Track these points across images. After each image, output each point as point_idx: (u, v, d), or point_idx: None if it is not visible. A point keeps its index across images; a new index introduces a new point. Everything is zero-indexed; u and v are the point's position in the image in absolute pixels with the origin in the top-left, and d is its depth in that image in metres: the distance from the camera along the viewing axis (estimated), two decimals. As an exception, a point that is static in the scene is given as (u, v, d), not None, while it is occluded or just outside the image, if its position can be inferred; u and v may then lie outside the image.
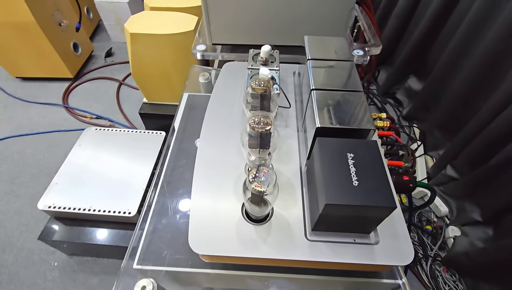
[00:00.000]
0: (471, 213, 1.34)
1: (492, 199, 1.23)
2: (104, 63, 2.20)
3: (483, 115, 1.23)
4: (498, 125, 1.15)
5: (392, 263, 0.45)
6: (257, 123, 0.45)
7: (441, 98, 1.55)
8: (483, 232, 1.29)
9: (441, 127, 1.57)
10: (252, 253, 0.45)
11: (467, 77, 1.35)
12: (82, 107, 1.89)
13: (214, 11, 0.80)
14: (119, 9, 2.12)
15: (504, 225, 1.20)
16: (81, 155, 1.30)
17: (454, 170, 1.43)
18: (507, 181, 1.14)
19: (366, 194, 0.41)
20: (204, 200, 0.51)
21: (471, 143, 1.30)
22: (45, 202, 1.15)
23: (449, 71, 1.47)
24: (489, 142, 1.20)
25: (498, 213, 1.22)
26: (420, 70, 1.77)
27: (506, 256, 1.08)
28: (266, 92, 0.50)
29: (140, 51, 1.37)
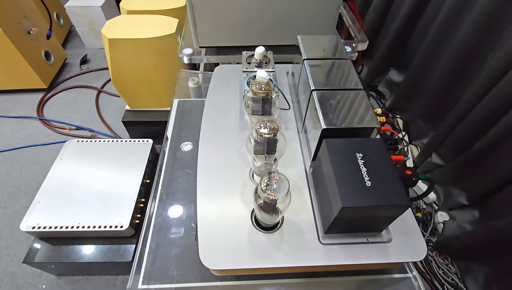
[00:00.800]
0: (457, 198, 1.39)
1: (476, 182, 1.28)
2: (80, 71, 2.10)
3: (464, 104, 1.28)
4: (479, 112, 1.20)
5: (407, 259, 0.45)
6: (264, 129, 0.43)
7: (422, 89, 1.59)
8: (471, 215, 1.34)
9: (424, 116, 1.61)
10: (268, 263, 0.44)
11: (445, 67, 1.39)
12: (59, 119, 1.80)
13: (200, 13, 0.78)
14: (91, 13, 2.03)
15: (489, 207, 1.25)
16: (64, 169, 1.23)
17: (439, 158, 1.47)
18: (490, 165, 1.19)
19: (380, 194, 0.40)
20: (210, 211, 0.49)
21: (454, 131, 1.35)
22: (28, 222, 1.08)
23: (428, 63, 1.52)
24: (471, 129, 1.25)
25: (483, 196, 1.27)
26: (400, 62, 1.82)
27: (495, 237, 1.13)
28: (268, 96, 0.49)
29: (119, 57, 1.31)
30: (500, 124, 1.12)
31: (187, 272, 0.53)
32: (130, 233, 1.13)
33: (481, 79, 1.19)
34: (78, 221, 1.07)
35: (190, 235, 0.57)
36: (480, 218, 1.30)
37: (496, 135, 1.13)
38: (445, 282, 1.31)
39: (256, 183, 0.53)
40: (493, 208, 1.23)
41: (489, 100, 1.15)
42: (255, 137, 0.44)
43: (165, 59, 1.35)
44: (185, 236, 0.57)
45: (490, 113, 1.16)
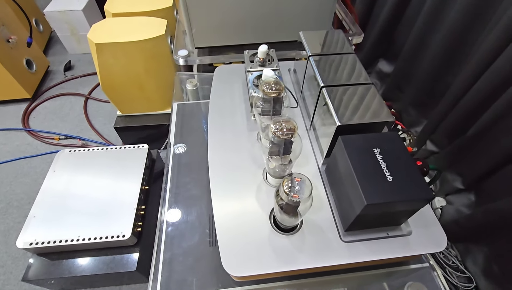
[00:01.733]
0: (453, 182, 1.42)
1: (471, 166, 1.31)
2: (64, 78, 2.02)
3: (455, 90, 1.30)
4: (470, 97, 1.22)
5: (428, 251, 0.45)
6: (281, 130, 0.42)
7: (412, 78, 1.61)
8: (467, 199, 1.38)
9: (416, 105, 1.64)
10: (292, 265, 0.43)
11: (434, 55, 1.41)
12: (47, 129, 1.73)
13: (195, 14, 0.76)
14: (73, 18, 1.96)
15: (484, 189, 1.28)
16: (58, 181, 1.19)
17: (434, 145, 1.50)
18: (483, 149, 1.22)
19: (402, 188, 0.40)
20: (228, 216, 0.48)
21: (447, 117, 1.37)
22: (25, 239, 1.04)
23: (417, 51, 1.53)
24: (463, 114, 1.27)
25: (478, 179, 1.30)
26: (389, 52, 1.83)
27: (492, 218, 1.16)
28: (279, 95, 0.48)
29: (108, 62, 1.27)
30: (492, 108, 1.14)
31: (205, 280, 0.52)
32: (133, 242, 1.10)
33: (472, 64, 1.21)
34: (78, 234, 1.04)
35: (205, 241, 0.56)
36: (476, 201, 1.33)
37: (488, 120, 1.16)
38: (446, 265, 1.34)
39: (270, 185, 0.52)
40: (488, 190, 1.27)
41: (480, 85, 1.17)
42: (271, 138, 0.43)
43: (156, 61, 1.31)
44: (200, 243, 0.56)
45: (482, 98, 1.18)
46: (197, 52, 1.01)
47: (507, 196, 1.10)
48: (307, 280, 0.54)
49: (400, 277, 0.57)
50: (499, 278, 1.17)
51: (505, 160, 1.15)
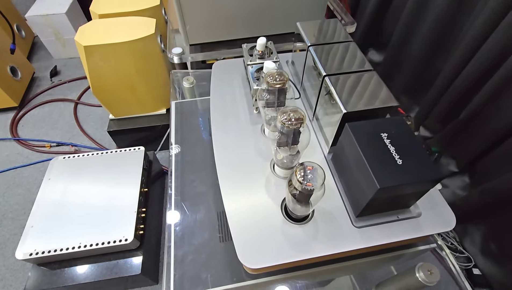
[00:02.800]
0: (447, 166, 1.45)
1: (464, 149, 1.34)
2: (51, 84, 1.97)
3: (445, 75, 1.33)
4: (461, 82, 1.24)
5: (439, 230, 0.46)
6: (289, 119, 0.42)
7: (402, 66, 1.63)
8: (462, 181, 1.41)
9: (407, 92, 1.66)
10: (307, 254, 0.43)
11: (423, 42, 1.43)
12: (37, 137, 1.69)
13: (189, 10, 0.75)
14: (56, 22, 1.90)
15: (478, 170, 1.32)
16: (54, 189, 1.16)
17: (427, 130, 1.53)
18: (475, 131, 1.25)
19: (413, 170, 0.41)
20: (239, 210, 0.48)
21: (438, 102, 1.40)
22: (24, 250, 1.01)
23: (406, 39, 1.55)
24: (455, 99, 1.30)
25: (471, 161, 1.33)
26: (378, 42, 1.85)
27: (487, 198, 1.19)
28: (284, 86, 0.48)
29: (98, 65, 1.24)
30: (482, 91, 1.17)
31: (219, 275, 0.51)
32: (135, 246, 1.09)
33: (460, 49, 1.23)
34: (79, 241, 1.02)
35: (215, 237, 0.55)
36: (471, 182, 1.37)
37: (478, 102, 1.18)
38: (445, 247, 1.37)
39: (278, 176, 0.52)
40: (482, 171, 1.30)
41: (469, 69, 1.19)
42: (280, 128, 0.43)
43: (147, 61, 1.29)
44: (211, 240, 0.56)
45: (472, 82, 1.21)
46: (189, 50, 1.00)
47: (500, 176, 1.13)
48: (317, 269, 0.54)
49: (409, 259, 0.58)
50: (497, 256, 1.21)
51: (496, 141, 1.17)
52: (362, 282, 0.60)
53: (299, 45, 0.65)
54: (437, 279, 0.49)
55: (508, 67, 1.03)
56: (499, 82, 1.08)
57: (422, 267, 0.51)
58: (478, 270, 1.30)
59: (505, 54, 1.04)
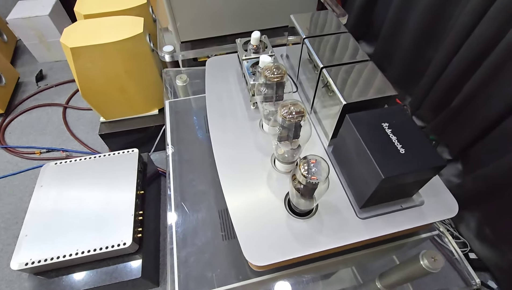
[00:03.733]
0: (441, 154, 1.47)
1: (457, 137, 1.36)
2: (38, 89, 1.92)
3: (436, 64, 1.34)
4: (451, 70, 1.26)
5: (442, 217, 0.46)
6: (290, 113, 0.42)
7: (393, 57, 1.64)
8: (455, 169, 1.43)
9: (399, 83, 1.67)
10: (314, 248, 0.43)
11: (413, 32, 1.44)
12: (26, 143, 1.65)
13: (179, 6, 0.73)
14: (39, 24, 1.85)
15: (471, 157, 1.34)
16: (47, 196, 1.13)
17: (420, 120, 1.54)
18: (467, 119, 1.27)
19: (416, 159, 0.40)
20: (242, 207, 0.47)
21: (430, 92, 1.41)
22: (19, 259, 0.99)
23: (395, 30, 1.56)
24: (446, 87, 1.31)
25: (463, 149, 1.35)
26: (368, 34, 1.86)
27: (481, 185, 1.21)
28: (282, 80, 0.47)
29: (86, 67, 1.21)
30: (472, 80, 1.18)
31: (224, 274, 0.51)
32: (134, 249, 1.07)
33: (450, 38, 1.24)
34: (76, 248, 1.00)
35: (218, 236, 0.55)
36: (464, 169, 1.39)
37: (469, 91, 1.20)
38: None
39: (279, 171, 0.52)
40: (474, 158, 1.32)
41: (459, 58, 1.21)
42: (281, 122, 0.43)
43: (136, 61, 1.27)
44: (214, 238, 0.55)
45: (462, 70, 1.22)
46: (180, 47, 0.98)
47: (492, 162, 1.15)
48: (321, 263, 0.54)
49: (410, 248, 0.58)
50: (491, 239, 1.23)
51: (487, 128, 1.19)
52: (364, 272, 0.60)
53: (293, 38, 0.64)
54: (441, 266, 0.49)
55: (497, 55, 1.04)
56: (488, 70, 1.09)
57: (426, 255, 0.52)
58: (474, 254, 1.33)
59: (494, 42, 1.05)
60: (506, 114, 1.08)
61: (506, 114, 1.08)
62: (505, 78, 1.03)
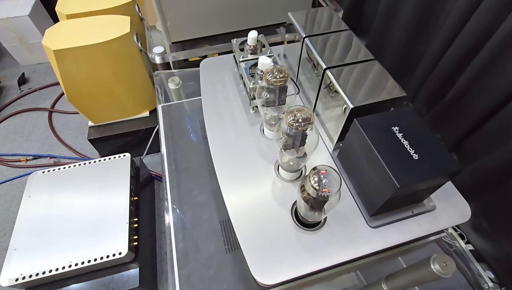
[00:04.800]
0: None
1: (451, 130, 1.36)
2: (21, 93, 1.84)
3: (430, 57, 1.33)
4: (445, 63, 1.25)
5: (455, 223, 0.45)
6: (297, 121, 0.39)
7: (386, 50, 1.63)
8: (450, 161, 1.44)
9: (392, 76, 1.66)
10: (327, 261, 0.41)
11: (405, 25, 1.43)
12: (10, 151, 1.58)
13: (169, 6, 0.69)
14: (19, 25, 1.76)
15: (466, 150, 1.34)
16: (36, 207, 1.08)
17: (414, 114, 1.54)
18: (462, 112, 1.27)
19: (430, 165, 0.38)
20: (247, 221, 0.44)
21: (424, 85, 1.40)
22: (9, 275, 0.94)
23: (387, 23, 1.54)
24: (440, 80, 1.31)
25: (459, 142, 1.36)
26: (360, 28, 1.84)
27: (476, 177, 1.22)
28: (285, 84, 0.44)
29: (71, 70, 1.16)
30: (467, 72, 1.18)
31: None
32: (130, 258, 1.04)
33: (443, 31, 1.23)
34: (69, 260, 0.96)
35: (221, 249, 0.52)
36: (460, 162, 1.39)
37: (464, 83, 1.20)
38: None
39: (284, 179, 0.49)
40: (470, 151, 1.32)
41: (453, 50, 1.20)
42: (286, 130, 0.40)
43: (124, 63, 1.22)
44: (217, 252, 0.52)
45: (456, 62, 1.21)
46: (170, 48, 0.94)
47: (487, 154, 1.15)
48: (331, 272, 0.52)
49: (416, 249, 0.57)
50: (488, 231, 1.24)
51: (481, 120, 1.19)
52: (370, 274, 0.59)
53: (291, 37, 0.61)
54: (453, 271, 0.47)
55: (491, 47, 1.04)
56: (482, 62, 1.08)
57: (437, 259, 0.50)
58: (471, 246, 1.34)
59: (487, 34, 1.04)
60: (500, 106, 1.08)
61: (501, 106, 1.08)
62: (499, 70, 1.03)
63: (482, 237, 1.30)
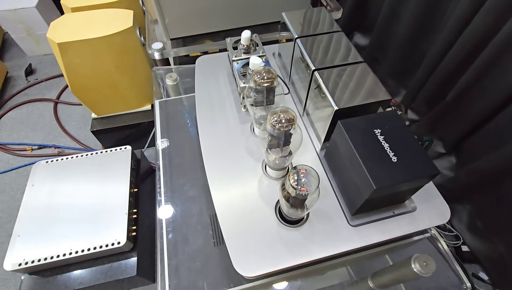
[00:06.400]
0: (435, 148, 1.47)
1: (451, 130, 1.36)
2: (27, 84, 1.87)
3: (431, 57, 1.32)
4: (446, 63, 1.24)
5: (434, 224, 0.46)
6: (280, 121, 0.40)
7: (388, 49, 1.62)
8: (449, 162, 1.43)
9: (393, 75, 1.65)
10: (306, 257, 0.42)
11: (408, 24, 1.41)
12: (17, 140, 1.62)
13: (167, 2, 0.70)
14: (26, 17, 1.79)
15: (464, 151, 1.34)
16: (39, 195, 1.12)
17: (414, 113, 1.54)
18: (461, 113, 1.26)
19: (408, 167, 0.40)
20: (232, 216, 0.46)
21: (425, 85, 1.40)
22: (12, 260, 0.98)
23: (390, 21, 1.53)
24: (441, 80, 1.30)
25: (457, 142, 1.35)
26: (363, 25, 1.83)
27: (473, 178, 1.22)
28: (272, 85, 0.45)
29: (74, 62, 1.18)
30: (468, 73, 1.17)
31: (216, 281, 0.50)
32: (129, 247, 1.07)
33: (445, 31, 1.22)
34: (70, 247, 0.99)
35: (210, 242, 0.54)
36: (458, 163, 1.39)
37: (464, 84, 1.19)
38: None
39: (271, 177, 0.51)
40: (467, 152, 1.32)
41: (455, 51, 1.19)
42: (270, 130, 0.41)
43: (126, 56, 1.23)
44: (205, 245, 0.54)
45: (457, 63, 1.20)
46: (171, 44, 0.95)
47: (484, 156, 1.15)
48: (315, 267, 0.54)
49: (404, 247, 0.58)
50: (483, 232, 1.25)
51: (481, 122, 1.19)
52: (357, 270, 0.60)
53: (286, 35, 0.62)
54: (433, 270, 0.49)
55: (492, 48, 1.03)
56: (483, 63, 1.08)
57: (418, 259, 0.51)
58: (466, 247, 1.35)
59: (489, 35, 1.03)
60: (500, 108, 1.07)
61: (501, 108, 1.07)
62: (500, 72, 1.02)
63: (477, 238, 1.30)
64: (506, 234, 1.12)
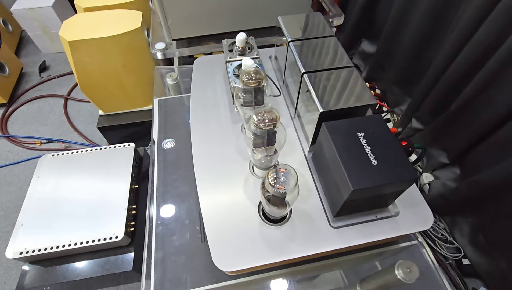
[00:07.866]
0: (438, 158, 1.45)
1: (454, 141, 1.34)
2: (40, 80, 1.94)
3: (437, 66, 1.31)
4: (452, 72, 1.23)
5: (416, 230, 0.46)
6: (263, 121, 0.41)
7: (395, 56, 1.61)
8: (452, 173, 1.41)
9: (399, 83, 1.65)
10: (284, 256, 0.43)
11: (415, 32, 1.41)
12: (27, 133, 1.68)
13: (170, 4, 0.73)
14: (42, 15, 1.86)
15: (468, 162, 1.32)
16: (43, 187, 1.15)
17: (418, 122, 1.52)
18: (466, 123, 1.24)
19: (388, 171, 0.40)
20: (216, 211, 0.47)
21: (429, 94, 1.39)
22: (14, 249, 1.01)
23: (397, 30, 1.53)
24: (445, 90, 1.29)
25: (461, 153, 1.33)
26: (371, 32, 1.83)
27: (476, 190, 1.20)
28: (259, 85, 0.47)
29: (84, 60, 1.22)
30: (473, 82, 1.16)
31: (199, 276, 0.51)
32: (126, 242, 1.09)
33: (452, 40, 1.21)
34: (69, 239, 1.02)
35: (196, 238, 0.55)
36: (461, 174, 1.37)
37: (469, 94, 1.18)
38: (436, 238, 1.39)
39: (257, 176, 0.52)
40: (471, 163, 1.30)
41: (461, 60, 1.18)
42: (253, 130, 0.42)
43: (134, 56, 1.27)
44: (191, 240, 0.55)
45: (463, 72, 1.19)
46: (176, 44, 0.98)
47: (488, 168, 1.13)
48: (301, 267, 0.54)
49: (390, 256, 0.58)
50: (484, 246, 1.22)
51: (485, 133, 1.17)
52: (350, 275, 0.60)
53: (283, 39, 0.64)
54: (416, 277, 0.49)
55: (499, 58, 1.02)
56: (489, 73, 1.06)
57: (402, 265, 0.51)
58: (467, 260, 1.32)
59: (495, 44, 1.02)
60: (505, 119, 1.06)
61: (506, 119, 1.06)
62: (505, 82, 1.01)
63: (479, 252, 1.28)
64: (508, 251, 1.09)
